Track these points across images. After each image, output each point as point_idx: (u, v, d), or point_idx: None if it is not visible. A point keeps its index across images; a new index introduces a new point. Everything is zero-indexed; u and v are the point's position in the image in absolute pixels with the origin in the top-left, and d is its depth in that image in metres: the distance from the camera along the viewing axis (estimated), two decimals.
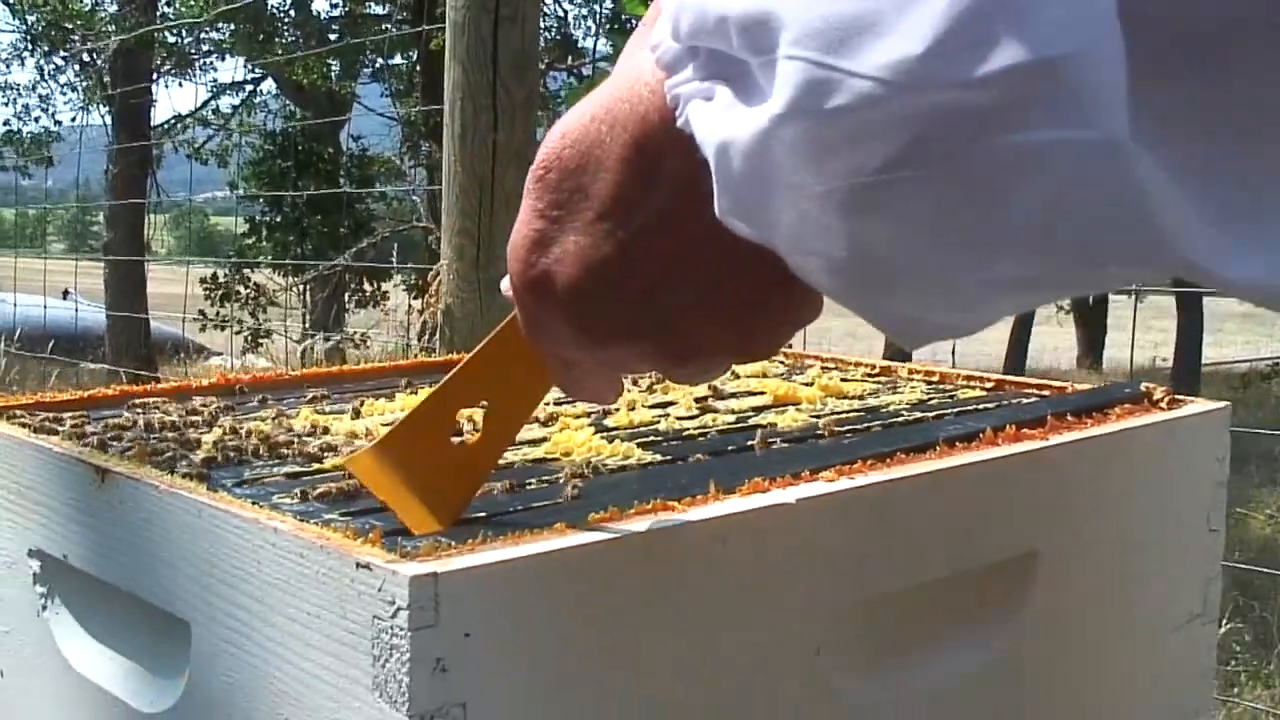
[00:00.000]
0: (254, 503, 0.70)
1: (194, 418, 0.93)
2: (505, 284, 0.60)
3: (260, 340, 11.81)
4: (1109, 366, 17.59)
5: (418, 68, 12.81)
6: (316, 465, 0.82)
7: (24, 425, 0.91)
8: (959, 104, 0.38)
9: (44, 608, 0.86)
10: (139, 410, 0.96)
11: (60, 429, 0.89)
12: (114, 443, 0.84)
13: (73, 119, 17.13)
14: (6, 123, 17.71)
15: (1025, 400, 1.06)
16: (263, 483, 0.77)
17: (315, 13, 14.64)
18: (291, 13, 14.73)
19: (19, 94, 17.65)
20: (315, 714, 0.63)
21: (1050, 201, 0.39)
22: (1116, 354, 18.76)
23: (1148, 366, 17.59)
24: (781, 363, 1.27)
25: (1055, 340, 18.05)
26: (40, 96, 17.63)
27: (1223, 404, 1.04)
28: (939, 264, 0.43)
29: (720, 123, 0.45)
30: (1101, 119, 0.37)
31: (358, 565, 0.59)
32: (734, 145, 0.44)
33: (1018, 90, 0.37)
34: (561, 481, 0.78)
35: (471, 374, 0.69)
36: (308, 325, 11.06)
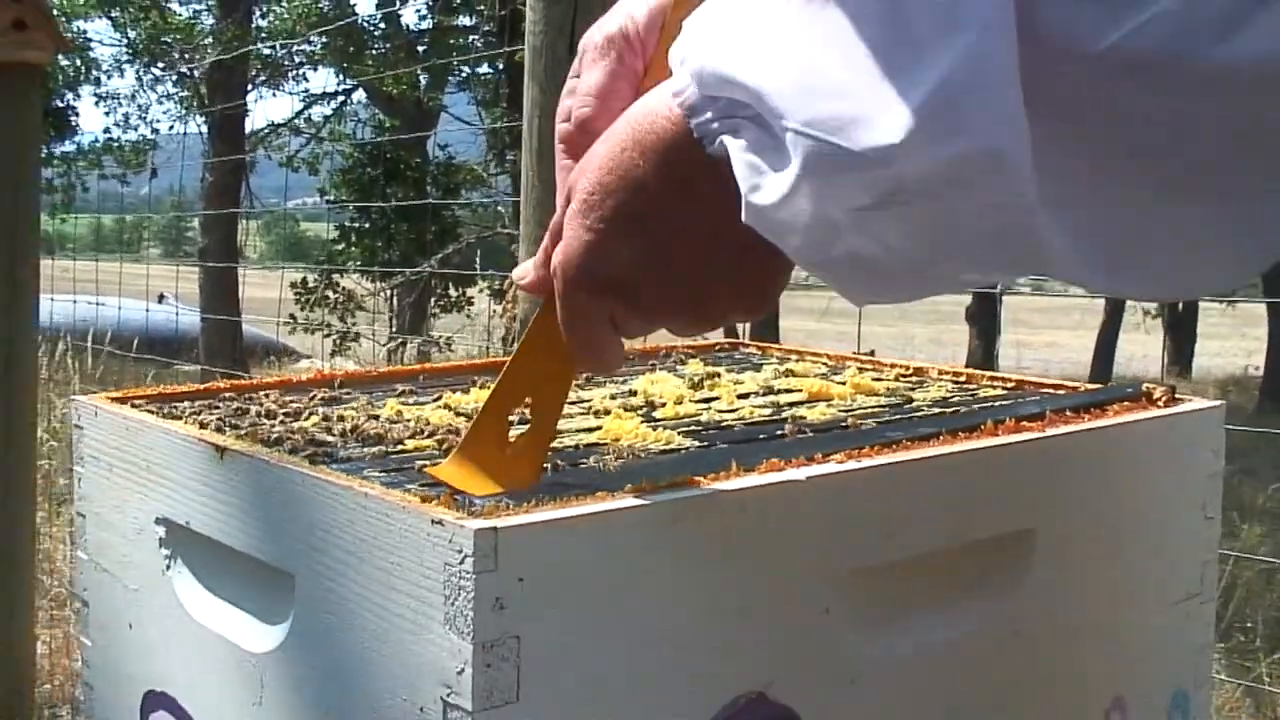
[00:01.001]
0: (348, 474, 0.84)
1: (297, 406, 1.07)
2: (520, 274, 0.81)
3: (348, 344, 12.08)
4: (1198, 375, 17.39)
5: (504, 77, 13.02)
6: (400, 446, 0.95)
7: (151, 412, 1.06)
8: (923, 173, 0.58)
9: (168, 567, 1.00)
10: (250, 400, 1.10)
11: (182, 415, 1.04)
12: (230, 427, 0.99)
13: (170, 128, 17.57)
14: (107, 130, 18.18)
15: (1036, 398, 1.17)
16: (355, 459, 0.91)
17: (404, 25, 14.93)
18: (381, 25, 15.02)
19: (119, 103, 18.13)
20: (398, 646, 0.76)
21: (982, 235, 0.61)
22: (1206, 362, 18.55)
23: (1238, 375, 17.37)
24: (824, 364, 1.39)
25: (1144, 349, 17.87)
26: (139, 106, 18.09)
27: (1218, 403, 1.14)
28: (908, 264, 0.64)
29: (753, 167, 0.64)
30: (1024, 188, 0.58)
31: (432, 522, 0.73)
32: (766, 188, 0.64)
33: (961, 168, 0.57)
34: (609, 460, 0.90)
35: (513, 377, 0.84)
36: (394, 329, 11.30)
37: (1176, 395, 1.14)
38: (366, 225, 13.97)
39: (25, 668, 2.94)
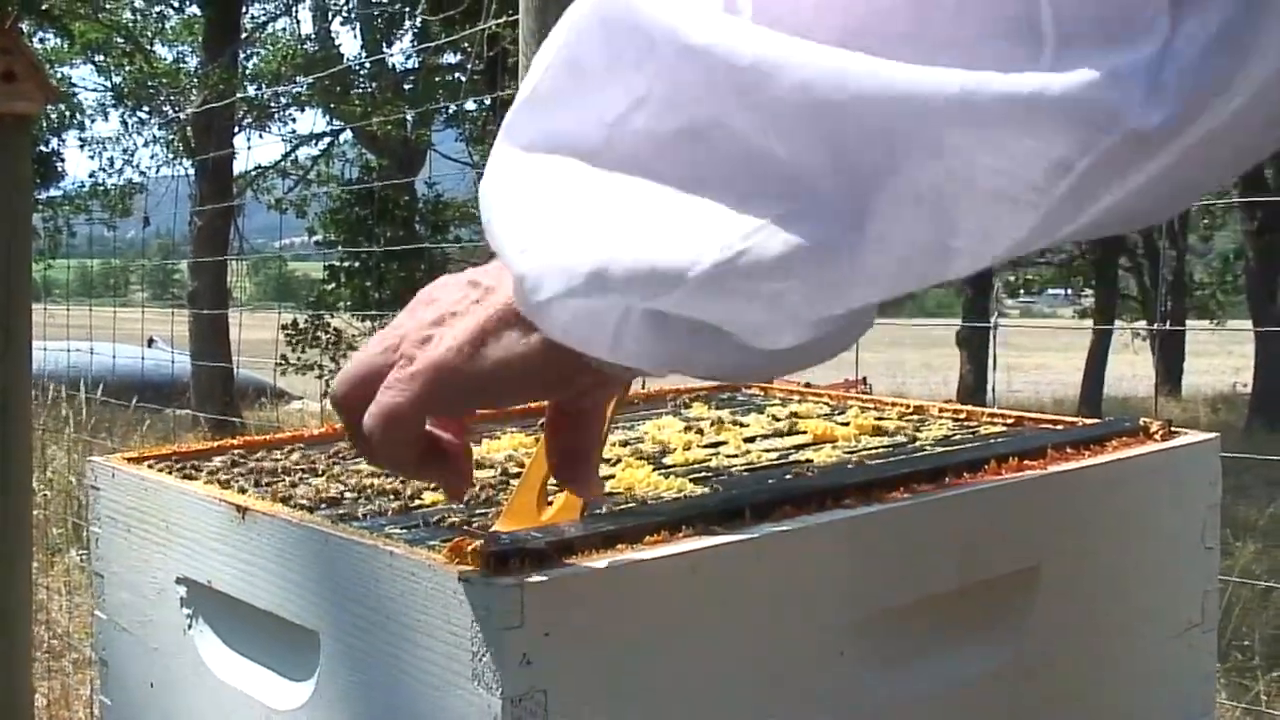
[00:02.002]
0: (371, 532, 0.86)
1: (313, 463, 1.09)
2: None
3: None
4: (1188, 393, 17.48)
5: (491, 113, 13.08)
6: (418, 501, 0.97)
7: (168, 471, 1.07)
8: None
9: (189, 626, 1.02)
10: (264, 457, 1.12)
11: (199, 475, 1.06)
12: (250, 485, 1.00)
13: (156, 171, 17.61)
14: (92, 175, 18.20)
15: (1037, 434, 1.20)
16: (376, 515, 0.93)
17: (391, 65, 15.00)
18: (367, 65, 15.09)
19: (104, 148, 18.16)
20: (425, 702, 0.78)
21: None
22: (1195, 380, 18.64)
23: (1227, 392, 17.45)
24: (826, 404, 1.41)
25: (1134, 369, 17.95)
26: (124, 150, 18.12)
27: (1213, 435, 1.16)
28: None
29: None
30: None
31: (459, 579, 0.74)
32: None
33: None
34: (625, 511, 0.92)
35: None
36: None
37: (1173, 429, 1.16)
38: (356, 265, 14.01)
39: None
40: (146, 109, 17.39)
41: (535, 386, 0.76)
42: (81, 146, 18.64)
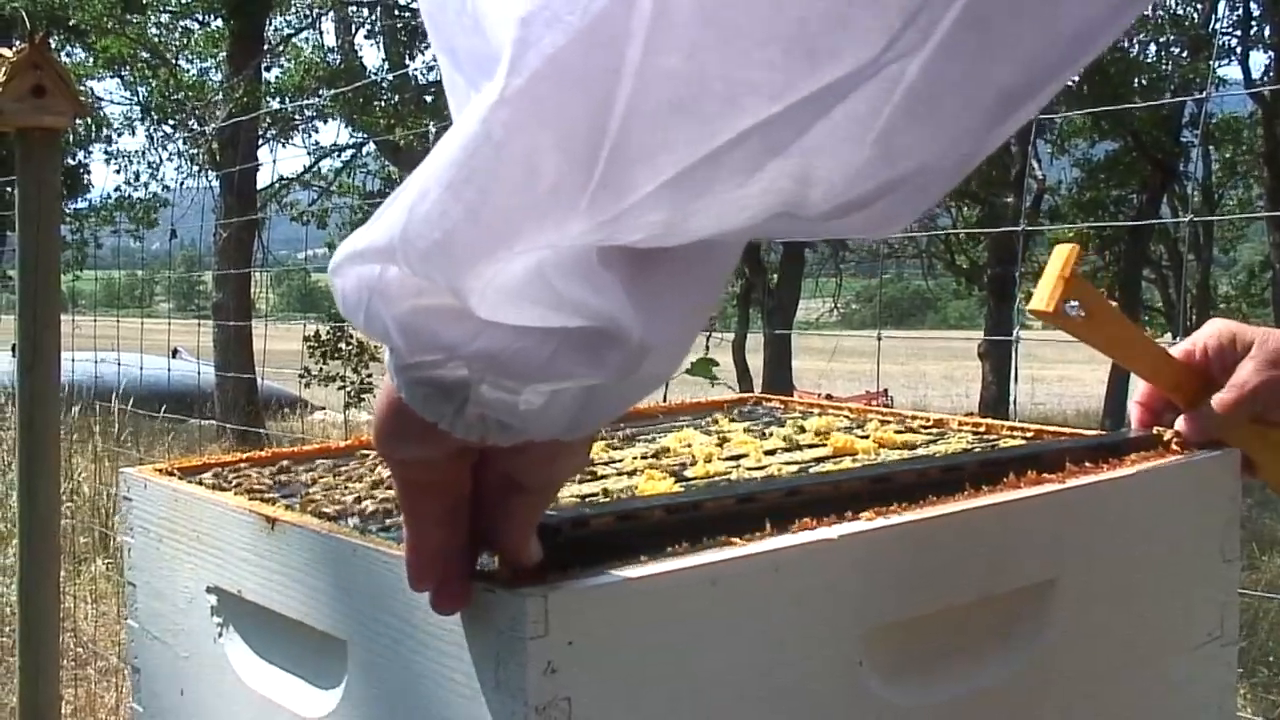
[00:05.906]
0: (398, 543, 0.87)
1: (341, 474, 1.11)
2: None
3: (363, 395, 12.12)
4: None
5: None
6: None
7: (199, 483, 1.09)
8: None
9: (220, 635, 1.04)
10: (294, 469, 1.14)
11: (229, 486, 1.08)
12: (280, 496, 1.02)
13: (180, 183, 17.72)
14: (118, 188, 18.31)
15: (1055, 447, 1.20)
16: (401, 526, 0.94)
17: (414, 78, 15.07)
18: (389, 77, 15.16)
19: (130, 161, 18.27)
20: (450, 709, 0.79)
21: None
22: None
23: None
24: (846, 418, 1.42)
25: None
26: (149, 163, 18.23)
27: (1233, 449, 1.17)
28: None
29: None
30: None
31: (484, 589, 0.76)
32: None
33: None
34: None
35: None
36: None
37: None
38: None
39: None
40: (172, 122, 17.50)
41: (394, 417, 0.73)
42: (108, 160, 18.76)
